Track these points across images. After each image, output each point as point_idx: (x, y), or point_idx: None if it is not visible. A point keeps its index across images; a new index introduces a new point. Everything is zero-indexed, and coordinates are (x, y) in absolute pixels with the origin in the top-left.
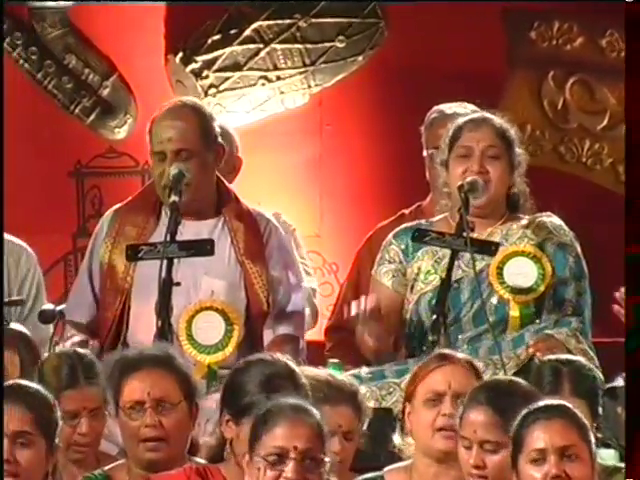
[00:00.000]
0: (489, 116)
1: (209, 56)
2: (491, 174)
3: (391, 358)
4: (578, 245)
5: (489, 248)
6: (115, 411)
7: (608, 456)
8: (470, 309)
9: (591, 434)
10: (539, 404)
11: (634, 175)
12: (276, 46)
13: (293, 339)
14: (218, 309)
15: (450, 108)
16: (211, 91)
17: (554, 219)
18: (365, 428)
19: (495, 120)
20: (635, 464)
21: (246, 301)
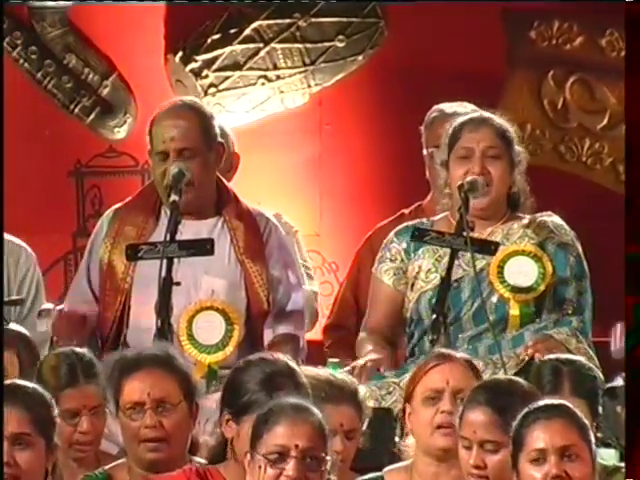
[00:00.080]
0: (488, 116)
1: (209, 55)
2: (492, 175)
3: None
4: (579, 245)
5: (489, 247)
6: (115, 411)
7: (608, 456)
8: (470, 308)
9: (591, 434)
10: (539, 404)
11: (634, 174)
12: (276, 45)
13: (293, 338)
14: (218, 309)
15: (450, 107)
16: (211, 90)
17: (555, 219)
18: (365, 428)
19: (494, 120)
20: (635, 464)
21: (246, 300)
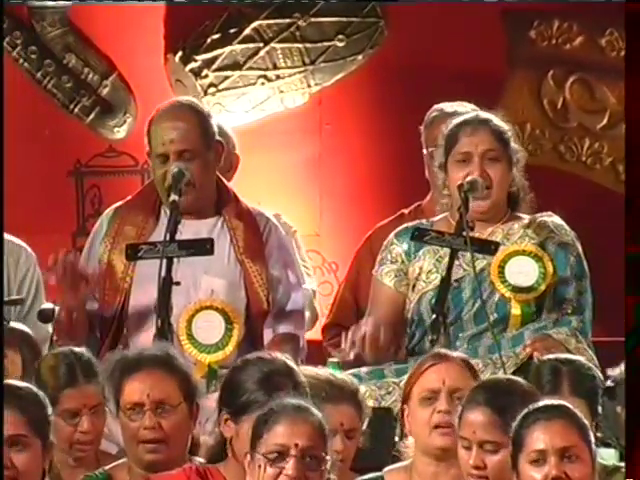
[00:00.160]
0: (484, 117)
1: (209, 55)
2: (492, 178)
3: (391, 358)
4: (579, 245)
5: (489, 247)
6: (116, 411)
7: (608, 455)
8: (471, 308)
9: (591, 434)
10: (539, 404)
11: (634, 174)
12: (276, 45)
13: (293, 338)
14: (218, 308)
15: (450, 107)
16: (210, 90)
17: (555, 219)
18: (365, 427)
19: (491, 121)
20: (635, 463)
21: (246, 300)
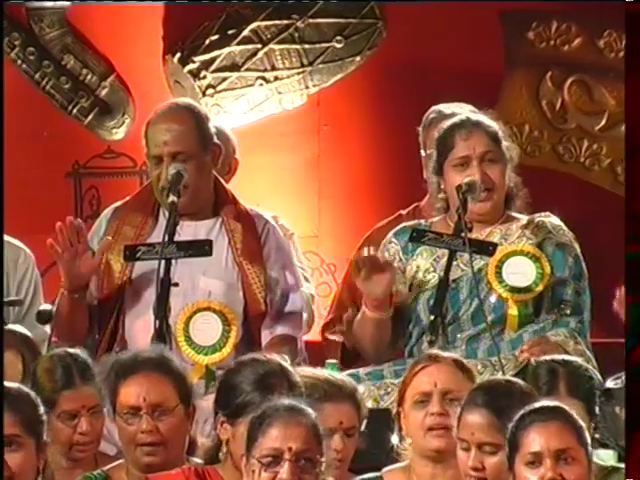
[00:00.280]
0: (475, 119)
1: (207, 56)
2: (494, 179)
3: (390, 358)
4: (577, 245)
5: (487, 248)
6: (112, 413)
7: (606, 456)
8: (469, 308)
9: (587, 436)
10: (535, 405)
11: (634, 175)
12: (274, 46)
13: (291, 339)
14: (216, 310)
15: (448, 108)
16: (209, 91)
17: (553, 219)
18: (363, 428)
19: (484, 122)
20: (635, 464)
21: (244, 302)
